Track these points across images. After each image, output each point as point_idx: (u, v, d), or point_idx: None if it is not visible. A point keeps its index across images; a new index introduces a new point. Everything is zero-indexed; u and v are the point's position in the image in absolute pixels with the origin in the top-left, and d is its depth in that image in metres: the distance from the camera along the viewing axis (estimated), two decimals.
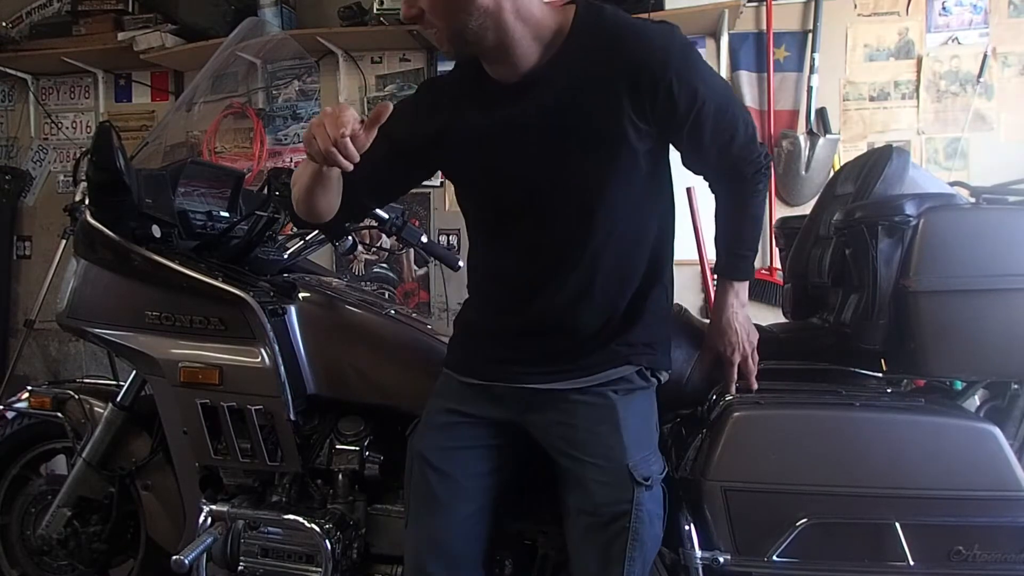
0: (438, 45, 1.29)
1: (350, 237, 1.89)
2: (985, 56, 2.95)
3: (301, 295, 1.72)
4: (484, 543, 1.42)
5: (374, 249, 3.29)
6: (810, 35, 3.07)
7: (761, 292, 3.12)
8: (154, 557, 1.87)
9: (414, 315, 1.90)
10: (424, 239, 1.95)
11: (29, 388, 2.01)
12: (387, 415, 1.72)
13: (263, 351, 1.62)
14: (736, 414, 1.43)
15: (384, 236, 2.30)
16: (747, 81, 3.13)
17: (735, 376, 1.47)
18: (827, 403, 1.45)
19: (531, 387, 1.32)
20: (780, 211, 3.06)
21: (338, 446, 1.68)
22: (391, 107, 1.17)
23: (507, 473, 1.40)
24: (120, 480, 1.86)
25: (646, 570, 1.30)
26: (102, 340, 1.75)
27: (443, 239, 3.44)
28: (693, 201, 3.08)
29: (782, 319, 1.98)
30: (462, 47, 1.24)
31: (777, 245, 2.26)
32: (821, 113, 3.05)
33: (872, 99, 3.08)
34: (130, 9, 3.56)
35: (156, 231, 1.67)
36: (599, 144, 1.24)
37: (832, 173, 2.92)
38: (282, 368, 1.61)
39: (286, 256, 1.86)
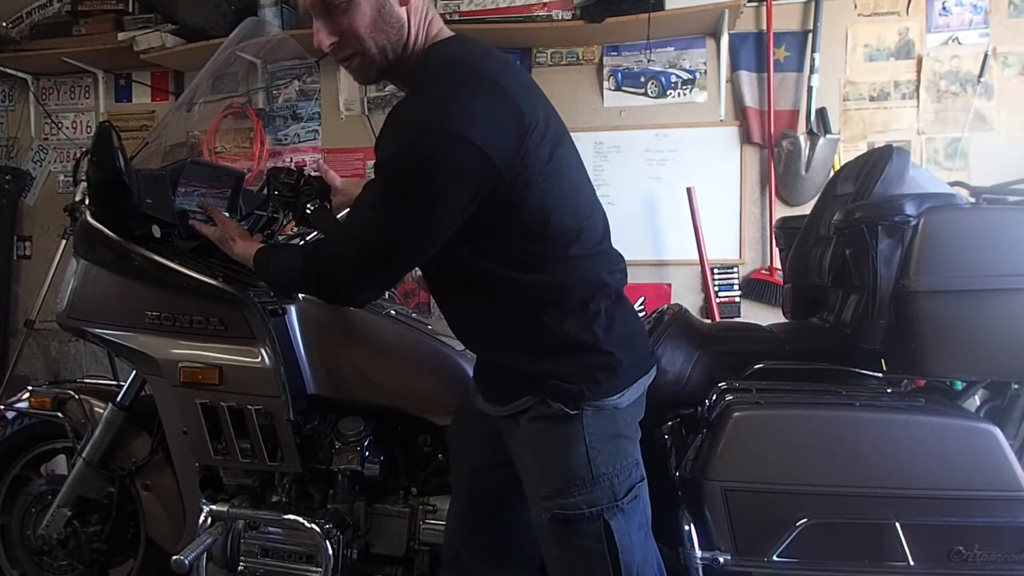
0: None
1: None
2: (985, 56, 2.94)
3: (301, 295, 1.72)
4: (491, 541, 1.43)
5: None
6: (810, 35, 3.06)
7: (761, 292, 3.12)
8: (154, 557, 1.87)
9: (414, 315, 1.89)
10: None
11: (29, 388, 2.01)
12: (387, 415, 1.72)
13: (263, 351, 1.62)
14: (736, 414, 1.43)
15: None
16: (747, 81, 3.12)
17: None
18: (827, 403, 1.45)
19: (484, 409, 1.37)
20: (780, 211, 3.06)
21: (338, 446, 1.68)
22: None
23: (513, 478, 1.35)
24: (120, 480, 1.86)
25: None
26: (102, 340, 1.75)
27: None
28: (693, 201, 3.08)
29: (782, 319, 1.99)
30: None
31: (777, 245, 2.26)
32: (821, 113, 3.05)
33: (872, 99, 3.08)
34: (130, 9, 3.55)
35: (156, 231, 1.67)
36: None
37: (832, 173, 2.91)
38: (282, 368, 1.61)
39: None
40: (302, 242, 1.63)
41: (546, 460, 1.25)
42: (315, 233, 1.80)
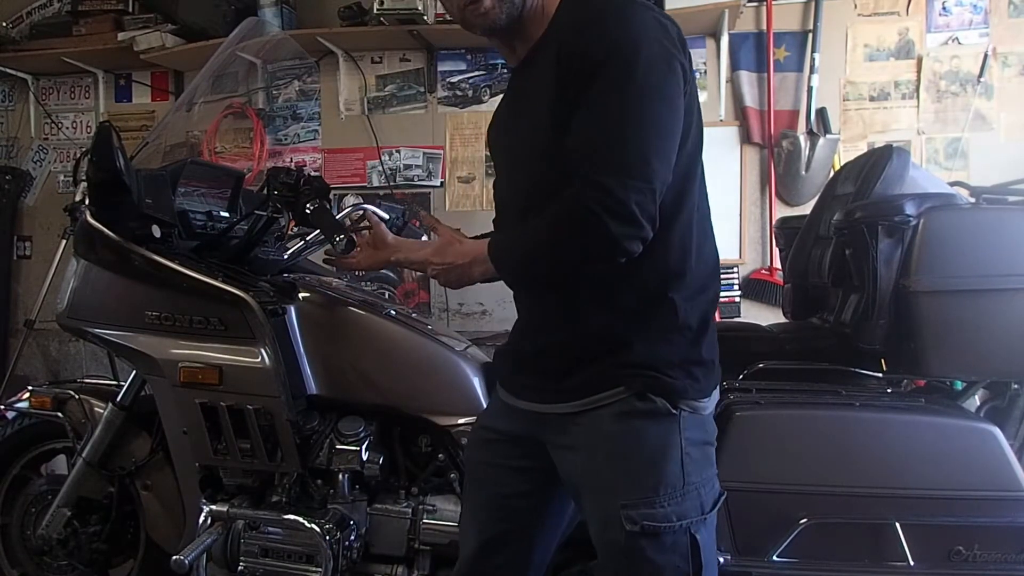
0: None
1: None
2: (985, 56, 2.95)
3: (301, 295, 1.72)
4: (509, 568, 1.31)
5: None
6: (810, 35, 3.07)
7: (761, 292, 3.13)
8: (154, 557, 1.87)
9: (414, 315, 1.89)
10: (425, 239, 1.94)
11: (29, 388, 2.01)
12: (387, 415, 1.72)
13: (263, 351, 1.62)
14: (736, 414, 1.43)
15: None
16: (747, 81, 3.13)
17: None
18: (827, 403, 1.45)
19: (536, 409, 1.22)
20: (780, 211, 3.06)
21: (338, 446, 1.68)
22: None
23: (543, 503, 1.28)
24: (120, 480, 1.86)
25: None
26: (102, 340, 1.75)
27: None
28: None
29: (782, 319, 1.99)
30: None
31: (777, 245, 2.26)
32: (821, 113, 3.05)
33: (872, 99, 3.08)
34: (130, 9, 3.56)
35: (156, 231, 1.67)
36: (547, 140, 1.11)
37: (832, 173, 2.91)
38: (282, 368, 1.61)
39: (286, 256, 1.86)
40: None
41: (632, 463, 1.11)
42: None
